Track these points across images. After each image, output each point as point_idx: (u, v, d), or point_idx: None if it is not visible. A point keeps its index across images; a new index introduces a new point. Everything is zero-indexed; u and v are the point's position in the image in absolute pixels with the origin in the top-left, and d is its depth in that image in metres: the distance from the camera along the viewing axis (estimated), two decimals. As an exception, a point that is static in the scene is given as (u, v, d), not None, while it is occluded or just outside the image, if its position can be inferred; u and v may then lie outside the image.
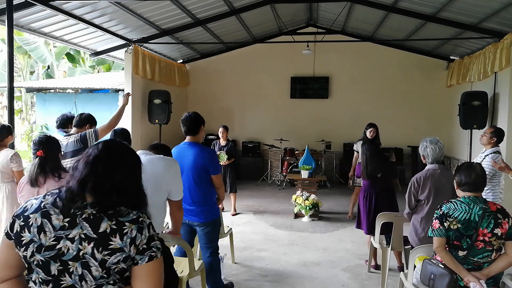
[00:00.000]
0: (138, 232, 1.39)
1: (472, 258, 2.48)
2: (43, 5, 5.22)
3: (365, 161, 4.39)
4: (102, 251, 1.35)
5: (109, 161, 1.45)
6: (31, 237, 1.36)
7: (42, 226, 1.36)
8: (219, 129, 6.68)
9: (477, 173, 2.54)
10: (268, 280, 4.15)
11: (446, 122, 9.03)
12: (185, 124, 3.32)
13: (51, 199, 1.41)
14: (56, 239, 1.36)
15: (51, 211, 1.38)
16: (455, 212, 2.48)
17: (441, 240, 2.51)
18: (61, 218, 1.38)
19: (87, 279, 1.36)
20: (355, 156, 6.58)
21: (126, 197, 1.43)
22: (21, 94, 14.38)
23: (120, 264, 1.37)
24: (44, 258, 1.36)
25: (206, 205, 3.33)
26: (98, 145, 1.50)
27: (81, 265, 1.35)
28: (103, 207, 1.39)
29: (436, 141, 3.35)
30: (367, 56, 9.63)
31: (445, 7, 6.14)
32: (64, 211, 1.38)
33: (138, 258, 1.38)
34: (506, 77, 6.21)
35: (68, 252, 1.35)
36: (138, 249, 1.38)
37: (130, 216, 1.41)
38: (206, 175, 3.29)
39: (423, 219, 3.28)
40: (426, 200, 3.27)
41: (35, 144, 2.88)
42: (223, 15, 7.48)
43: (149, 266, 1.40)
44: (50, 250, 1.35)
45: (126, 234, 1.37)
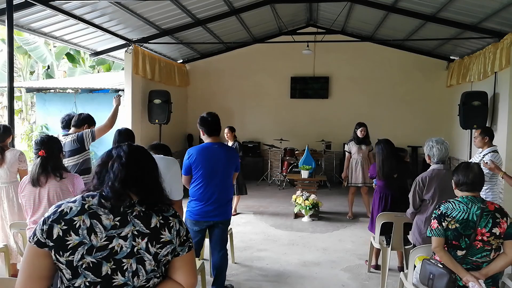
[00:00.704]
0: (180, 225, 1.49)
1: (471, 258, 2.48)
2: (43, 5, 5.22)
3: (381, 161, 4.30)
4: (156, 245, 1.41)
5: (141, 162, 1.51)
6: (80, 240, 1.34)
7: (92, 227, 1.35)
8: (224, 130, 6.54)
9: (474, 173, 2.54)
10: (268, 280, 4.15)
11: (446, 122, 9.03)
12: (211, 125, 3.33)
13: (95, 200, 1.40)
14: (108, 238, 1.36)
15: (99, 211, 1.38)
16: (453, 212, 2.48)
17: (439, 240, 2.51)
18: (111, 217, 1.39)
19: (140, 274, 1.39)
20: (347, 157, 6.58)
21: (161, 194, 1.52)
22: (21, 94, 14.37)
23: (168, 256, 1.45)
24: (96, 259, 1.35)
25: (230, 203, 3.50)
26: (122, 147, 1.51)
27: (136, 260, 1.39)
28: (151, 203, 1.45)
29: (442, 141, 3.35)
30: (367, 56, 9.63)
31: (445, 7, 6.14)
32: (114, 210, 1.39)
33: (179, 249, 1.48)
34: (506, 77, 6.20)
35: (121, 250, 1.37)
36: (181, 240, 1.48)
37: (170, 211, 1.50)
38: (232, 174, 3.46)
39: (428, 219, 3.26)
40: (431, 200, 3.26)
41: (37, 144, 2.89)
42: (223, 15, 7.47)
43: (189, 255, 1.51)
44: (103, 250, 1.35)
45: (172, 227, 1.46)
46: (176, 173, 2.80)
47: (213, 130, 3.33)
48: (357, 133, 6.43)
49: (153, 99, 7.85)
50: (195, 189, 3.32)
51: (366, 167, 6.48)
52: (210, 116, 3.33)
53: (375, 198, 4.41)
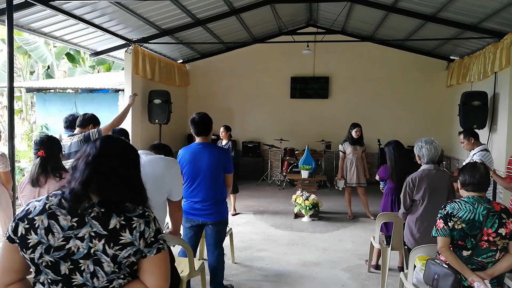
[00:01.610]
0: (146, 225, 1.43)
1: (476, 258, 2.48)
2: (43, 5, 5.22)
3: (394, 162, 4.24)
4: (114, 247, 1.38)
5: (110, 159, 1.46)
6: (38, 239, 1.36)
7: (50, 228, 1.37)
8: (220, 129, 6.67)
9: (481, 173, 2.54)
10: (268, 280, 4.15)
11: (446, 122, 9.03)
12: (198, 125, 3.33)
13: (56, 200, 1.41)
14: (65, 239, 1.37)
15: (57, 212, 1.39)
16: (460, 212, 2.48)
17: (445, 240, 2.51)
18: (69, 218, 1.39)
19: (99, 275, 1.38)
20: (341, 157, 6.57)
21: (130, 193, 1.47)
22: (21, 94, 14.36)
23: (131, 258, 1.41)
24: (54, 258, 1.36)
25: (222, 204, 3.43)
26: (95, 142, 1.49)
27: (93, 262, 1.37)
28: (110, 205, 1.41)
29: (431, 141, 3.35)
30: (367, 56, 9.63)
31: (445, 7, 6.14)
32: (72, 211, 1.39)
33: (147, 251, 1.43)
34: (506, 77, 6.20)
35: (78, 251, 1.37)
36: (146, 242, 1.43)
37: (137, 211, 1.45)
38: (221, 174, 3.37)
39: (418, 219, 3.27)
40: (421, 200, 3.26)
41: (36, 144, 2.88)
42: (223, 15, 7.47)
43: (157, 258, 1.45)
44: (60, 250, 1.37)
45: (135, 229, 1.41)
46: (176, 174, 2.80)
47: (199, 130, 3.34)
48: (351, 134, 6.43)
49: (153, 99, 7.85)
50: (184, 187, 3.36)
51: (360, 167, 6.50)
52: (197, 116, 3.33)
53: (386, 200, 4.32)
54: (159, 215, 2.74)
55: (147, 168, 2.68)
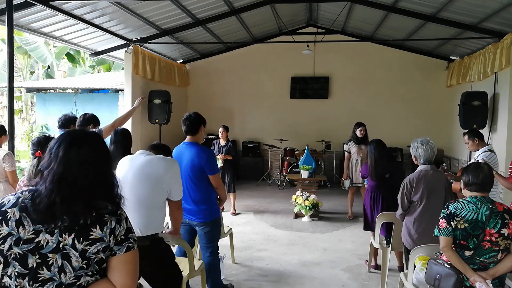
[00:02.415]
0: (117, 223, 1.44)
1: (478, 258, 2.47)
2: (43, 5, 5.22)
3: (374, 161, 4.31)
4: (83, 241, 1.38)
5: (73, 175, 1.41)
6: (9, 231, 1.37)
7: (21, 220, 1.38)
8: (219, 129, 6.69)
9: (485, 173, 2.54)
10: (268, 280, 4.15)
11: (446, 122, 9.02)
12: (184, 124, 3.36)
13: (29, 195, 1.42)
14: (35, 232, 1.38)
15: (29, 205, 1.40)
16: (463, 212, 2.47)
17: (448, 239, 2.50)
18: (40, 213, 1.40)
19: (66, 270, 1.38)
20: (347, 157, 6.56)
21: (101, 191, 1.46)
22: (21, 94, 14.38)
23: (100, 254, 1.41)
24: (22, 251, 1.37)
25: (205, 205, 3.34)
26: (58, 152, 1.43)
27: (61, 256, 1.38)
28: (76, 222, 1.40)
29: (427, 141, 3.34)
30: (367, 56, 9.62)
31: (445, 7, 6.14)
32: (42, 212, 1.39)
33: (116, 249, 1.43)
34: (506, 77, 6.20)
35: (47, 245, 1.37)
36: (116, 239, 1.43)
37: (108, 209, 1.45)
38: (203, 175, 3.29)
39: (416, 220, 3.26)
40: (419, 201, 3.25)
41: (34, 145, 2.88)
42: (223, 15, 7.47)
43: (126, 256, 1.45)
44: (29, 243, 1.37)
45: (106, 225, 1.41)
46: (176, 173, 2.79)
47: (185, 129, 3.36)
48: (356, 133, 6.42)
49: (153, 99, 7.85)
50: None
51: None
52: (186, 115, 3.36)
53: (366, 198, 4.42)
54: (159, 215, 2.76)
55: (147, 168, 2.69)
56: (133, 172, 2.67)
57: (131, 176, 2.66)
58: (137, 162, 2.71)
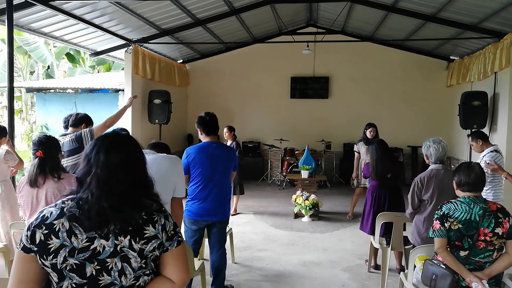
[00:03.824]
0: (166, 219, 1.47)
1: (474, 258, 2.47)
2: (43, 5, 5.22)
3: (375, 161, 4.31)
4: (139, 241, 1.39)
5: (116, 178, 1.41)
6: (61, 242, 1.34)
7: (72, 230, 1.35)
8: (224, 130, 6.56)
9: (476, 173, 2.54)
10: (268, 280, 4.15)
11: (446, 122, 9.03)
12: (209, 124, 3.37)
13: (73, 204, 1.39)
14: (89, 240, 1.35)
15: (77, 214, 1.37)
16: (456, 213, 2.47)
17: (442, 240, 2.50)
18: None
19: (126, 272, 1.38)
20: (357, 157, 6.55)
21: (144, 191, 1.48)
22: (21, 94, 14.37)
23: (155, 251, 1.43)
24: (79, 260, 1.34)
25: (228, 202, 3.52)
26: (98, 156, 1.42)
27: (120, 259, 1.37)
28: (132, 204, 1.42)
29: (439, 140, 3.34)
30: (367, 56, 9.62)
31: (445, 7, 6.14)
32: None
33: (168, 245, 1.46)
34: (506, 77, 6.20)
35: (104, 250, 1.36)
36: (167, 235, 1.46)
37: (154, 207, 1.48)
38: (230, 173, 3.48)
39: (426, 219, 3.26)
40: (430, 200, 3.25)
41: (35, 145, 2.88)
42: (223, 15, 7.48)
43: (178, 250, 1.49)
44: (84, 251, 1.35)
45: (157, 222, 1.44)
46: (180, 171, 2.83)
47: (211, 129, 3.36)
48: (366, 134, 6.41)
49: (153, 99, 7.85)
50: (193, 188, 3.33)
51: None
52: (208, 115, 3.36)
53: (368, 197, 4.42)
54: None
55: (152, 167, 2.68)
56: None
57: None
58: None
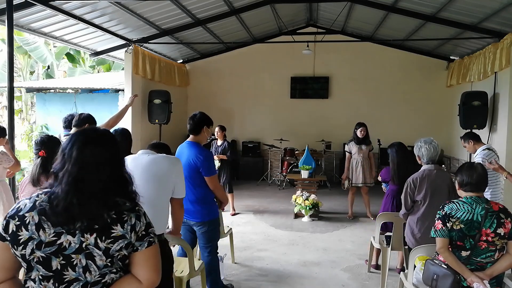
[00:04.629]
0: (137, 219, 1.46)
1: (475, 258, 2.47)
2: (43, 5, 5.22)
3: (396, 165, 4.17)
4: (105, 240, 1.39)
5: (88, 175, 1.41)
6: (29, 235, 1.37)
7: (41, 223, 1.38)
8: (215, 129, 6.63)
9: (478, 173, 2.53)
10: (268, 280, 4.15)
11: (446, 122, 9.03)
12: (188, 123, 3.39)
13: (45, 198, 1.41)
14: (56, 234, 1.38)
15: (47, 208, 1.39)
16: (458, 213, 2.47)
17: (444, 240, 2.50)
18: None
19: (91, 269, 1.39)
20: (348, 157, 6.55)
21: (118, 189, 1.47)
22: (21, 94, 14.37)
23: (123, 251, 1.42)
24: (45, 254, 1.37)
25: (202, 205, 3.35)
26: (72, 151, 1.42)
27: (85, 256, 1.39)
28: (104, 201, 1.42)
29: (430, 141, 3.34)
30: (367, 56, 9.62)
31: (445, 7, 6.14)
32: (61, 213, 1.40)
33: (138, 245, 1.45)
34: (506, 77, 6.20)
35: (70, 246, 1.38)
36: (138, 235, 1.45)
37: (127, 206, 1.47)
38: (199, 176, 3.30)
39: (419, 219, 3.27)
40: (423, 200, 3.25)
41: (37, 144, 2.89)
42: (223, 15, 7.47)
43: (148, 251, 1.47)
44: (51, 246, 1.37)
45: (126, 222, 1.43)
46: (180, 171, 2.82)
47: (189, 128, 3.39)
48: (357, 133, 6.41)
49: (153, 99, 7.86)
50: None
51: (366, 167, 6.48)
52: (191, 115, 3.39)
53: (387, 202, 4.29)
54: (165, 214, 2.76)
55: (152, 167, 2.69)
56: (139, 172, 2.67)
57: (138, 176, 2.65)
58: (142, 162, 2.71)
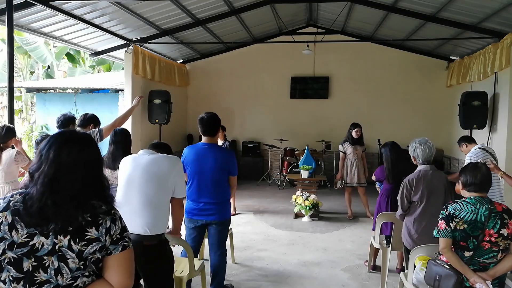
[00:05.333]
0: (112, 222, 1.44)
1: (478, 259, 2.47)
2: (43, 5, 5.22)
3: (390, 164, 4.21)
4: (79, 242, 1.38)
5: (66, 175, 1.40)
6: (1, 235, 1.35)
7: (14, 224, 1.36)
8: None
9: (483, 173, 2.53)
10: (268, 280, 4.15)
11: (446, 122, 9.03)
12: (205, 125, 3.35)
13: (20, 198, 1.40)
14: (29, 235, 1.36)
15: (21, 209, 1.37)
16: (461, 213, 2.47)
17: (447, 240, 2.50)
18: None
19: (63, 272, 1.37)
20: (342, 157, 6.56)
21: (93, 192, 1.45)
22: (21, 94, 14.38)
23: (96, 254, 1.41)
24: (17, 255, 1.35)
25: (224, 204, 3.47)
26: (49, 153, 1.41)
27: (58, 258, 1.37)
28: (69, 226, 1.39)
29: (425, 141, 3.34)
30: (367, 56, 9.62)
31: (445, 7, 6.14)
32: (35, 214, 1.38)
33: (112, 248, 1.43)
34: (506, 77, 6.20)
35: (43, 248, 1.36)
36: (112, 239, 1.43)
37: (103, 209, 1.45)
38: (225, 176, 3.41)
39: (416, 220, 3.26)
40: (419, 201, 3.25)
41: (38, 144, 2.89)
42: (223, 15, 7.47)
43: (122, 255, 1.45)
44: (23, 246, 1.35)
45: (101, 225, 1.41)
46: (180, 171, 2.82)
47: (206, 130, 3.36)
48: (352, 134, 6.42)
49: (153, 99, 7.85)
50: (187, 187, 3.37)
51: (361, 167, 6.51)
52: (206, 115, 3.35)
53: (381, 201, 4.31)
54: (165, 214, 2.76)
55: (152, 167, 2.70)
56: (140, 172, 2.67)
57: (138, 176, 2.66)
58: (142, 162, 2.71)
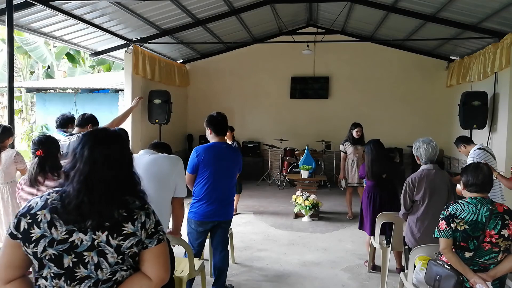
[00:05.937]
0: (147, 217, 1.49)
1: (479, 260, 2.47)
2: (43, 5, 5.21)
3: (370, 161, 4.33)
4: (117, 237, 1.42)
5: (99, 174, 1.44)
6: (41, 232, 1.39)
7: (53, 221, 1.40)
8: None
9: (484, 173, 2.53)
10: (268, 280, 4.15)
11: (446, 122, 9.02)
12: (219, 124, 3.38)
13: (57, 196, 1.44)
14: (68, 232, 1.40)
15: (59, 206, 1.41)
16: (462, 213, 2.47)
17: (447, 241, 2.50)
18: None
19: (103, 266, 1.41)
20: (343, 157, 6.58)
21: (127, 188, 1.50)
22: (21, 94, 14.38)
23: (133, 248, 1.45)
24: (57, 251, 1.39)
25: (232, 203, 3.56)
26: (83, 152, 1.46)
27: (97, 253, 1.41)
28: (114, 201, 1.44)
29: (428, 141, 3.34)
30: (367, 56, 9.62)
31: (445, 7, 6.14)
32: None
33: (148, 242, 1.48)
34: (506, 77, 6.20)
35: (82, 244, 1.40)
36: (147, 233, 1.48)
37: (136, 204, 1.49)
38: (236, 175, 3.52)
39: (419, 219, 3.27)
40: (422, 200, 3.25)
41: (35, 144, 2.89)
42: (223, 15, 7.47)
43: (158, 248, 1.50)
44: (63, 243, 1.39)
45: (136, 220, 1.46)
46: (181, 171, 2.83)
47: (221, 129, 3.38)
48: (352, 134, 6.43)
49: (153, 99, 7.85)
50: (201, 188, 3.30)
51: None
52: (219, 115, 3.37)
53: (364, 197, 4.45)
54: (166, 214, 2.77)
55: (153, 167, 2.70)
56: (141, 172, 2.65)
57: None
58: (143, 162, 2.71)
